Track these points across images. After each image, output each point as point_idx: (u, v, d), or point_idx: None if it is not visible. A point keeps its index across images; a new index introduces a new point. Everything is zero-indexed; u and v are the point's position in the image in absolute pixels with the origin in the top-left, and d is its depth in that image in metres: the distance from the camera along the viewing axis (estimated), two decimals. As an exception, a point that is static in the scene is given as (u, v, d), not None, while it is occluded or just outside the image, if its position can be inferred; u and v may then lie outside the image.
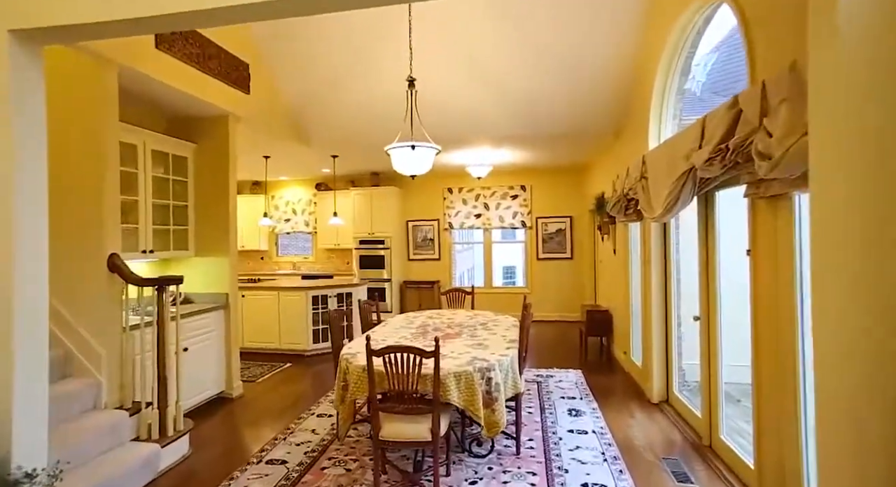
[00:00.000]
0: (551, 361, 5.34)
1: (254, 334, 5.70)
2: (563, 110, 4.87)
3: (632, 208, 4.23)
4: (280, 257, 8.89)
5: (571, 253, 7.91)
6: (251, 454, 3.08)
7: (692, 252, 3.44)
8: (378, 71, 4.47)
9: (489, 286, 8.26)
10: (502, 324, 3.80)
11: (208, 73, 3.77)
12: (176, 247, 4.00)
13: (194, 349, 3.74)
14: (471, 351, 2.93)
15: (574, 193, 7.90)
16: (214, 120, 4.17)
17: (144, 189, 3.63)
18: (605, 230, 5.83)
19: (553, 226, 7.99)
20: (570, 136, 5.49)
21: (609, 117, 4.90)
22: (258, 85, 4.45)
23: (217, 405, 3.99)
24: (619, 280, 5.25)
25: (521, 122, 5.14)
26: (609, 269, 5.89)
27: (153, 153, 3.72)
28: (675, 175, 2.75)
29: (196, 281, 4.21)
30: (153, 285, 2.96)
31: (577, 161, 7.21)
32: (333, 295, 5.82)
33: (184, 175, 4.09)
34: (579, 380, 4.60)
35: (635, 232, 4.63)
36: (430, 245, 8.40)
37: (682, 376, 3.75)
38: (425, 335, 3.40)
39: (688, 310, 3.69)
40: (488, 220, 8.17)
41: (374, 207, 7.88)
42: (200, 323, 3.82)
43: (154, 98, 3.70)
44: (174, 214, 4.01)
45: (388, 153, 3.39)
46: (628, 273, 4.83)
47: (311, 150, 5.96)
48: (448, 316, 4.24)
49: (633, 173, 3.90)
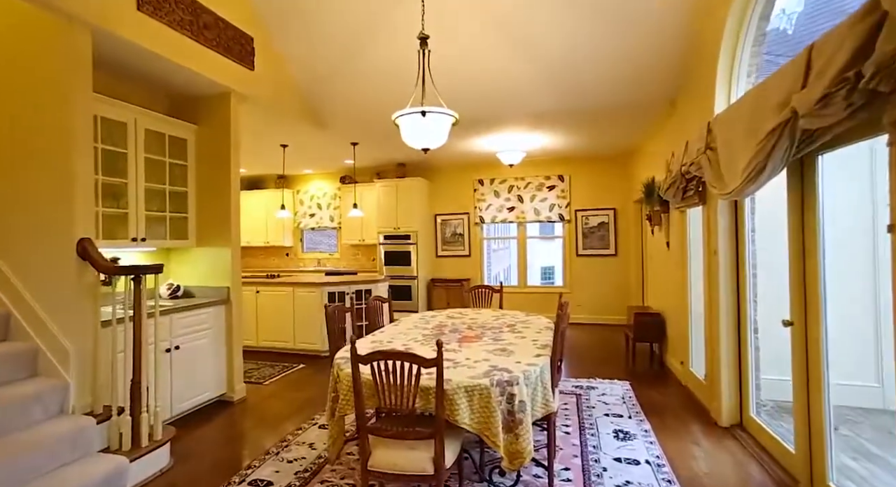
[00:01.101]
0: (593, 369, 4.66)
1: (268, 332, 5.38)
2: (610, 77, 4.19)
3: (692, 189, 3.52)
4: (305, 254, 8.64)
5: (615, 250, 7.13)
6: (236, 471, 2.65)
7: (776, 240, 2.71)
8: (396, 41, 3.99)
9: (523, 285, 7.61)
10: (533, 326, 3.21)
11: (204, 43, 3.42)
12: (173, 236, 3.68)
13: (187, 348, 3.39)
14: (491, 358, 2.36)
15: (618, 182, 7.12)
16: (216, 98, 3.84)
17: (136, 171, 3.32)
18: (656, 220, 5.07)
19: (594, 219, 7.24)
20: (618, 110, 4.78)
21: (664, 83, 4.17)
22: (265, 61, 4.09)
23: (215, 409, 3.63)
24: (673, 278, 4.50)
25: (559, 95, 4.51)
26: (661, 266, 5.12)
27: (147, 133, 3.41)
28: (762, 133, 2.07)
29: (198, 273, 3.89)
30: (127, 274, 2.60)
31: (622, 145, 6.45)
32: (352, 291, 5.40)
33: (183, 158, 3.77)
34: (627, 394, 3.91)
35: (695, 219, 3.89)
36: (459, 240, 7.86)
37: (760, 395, 3.01)
38: (441, 337, 2.87)
39: (768, 313, 2.95)
40: (522, 214, 7.53)
41: (400, 200, 7.44)
42: (194, 319, 3.47)
43: (149, 73, 3.39)
44: (171, 200, 3.69)
45: (397, 123, 2.89)
46: (686, 269, 4.08)
47: (329, 137, 5.58)
48: (471, 316, 3.69)
49: (694, 146, 3.20)
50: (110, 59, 3.11)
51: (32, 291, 2.58)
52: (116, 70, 3.31)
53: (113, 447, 2.53)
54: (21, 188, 2.60)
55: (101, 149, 3.05)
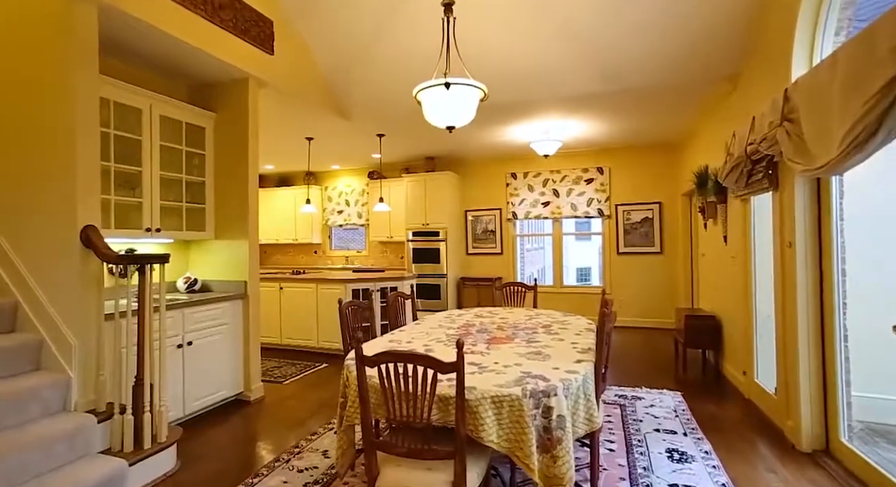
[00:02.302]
0: (639, 377, 4.20)
1: (292, 330, 5.23)
2: (657, 53, 3.74)
3: (759, 172, 3.04)
4: (333, 251, 8.53)
5: (661, 247, 6.57)
6: (242, 480, 2.43)
7: (873, 228, 2.23)
8: (420, 25, 3.71)
9: (559, 284, 7.16)
10: (572, 327, 2.83)
11: (219, 24, 3.26)
12: (190, 228, 3.55)
13: (201, 344, 3.23)
14: (524, 362, 2.02)
15: (664, 174, 6.56)
16: (234, 84, 3.68)
17: (150, 159, 3.20)
18: (711, 212, 4.54)
19: (637, 214, 6.70)
20: (666, 92, 4.31)
21: (723, 56, 3.68)
22: (285, 46, 3.91)
23: (230, 409, 3.47)
24: (732, 276, 3.98)
25: (599, 76, 4.09)
26: (716, 264, 4.59)
27: (162, 120, 3.29)
28: (871, 88, 1.64)
29: (216, 267, 3.75)
30: (131, 263, 2.44)
31: (669, 132, 5.90)
32: (377, 289, 5.17)
33: (201, 147, 3.64)
34: (679, 406, 3.45)
35: (763, 208, 3.39)
36: (490, 237, 7.50)
37: (852, 415, 2.50)
38: (466, 338, 2.55)
39: (863, 317, 2.45)
40: (558, 209, 7.09)
41: (429, 195, 7.17)
42: (208, 313, 3.30)
43: (163, 57, 3.26)
44: (189, 190, 3.56)
45: (419, 99, 2.60)
46: (749, 265, 3.57)
47: (354, 128, 5.38)
48: (501, 316, 3.35)
49: (764, 121, 2.73)
50: (123, 44, 2.99)
51: (38, 279, 2.47)
52: (131, 56, 3.20)
53: (115, 448, 2.37)
54: (27, 170, 2.50)
55: (113, 134, 2.94)
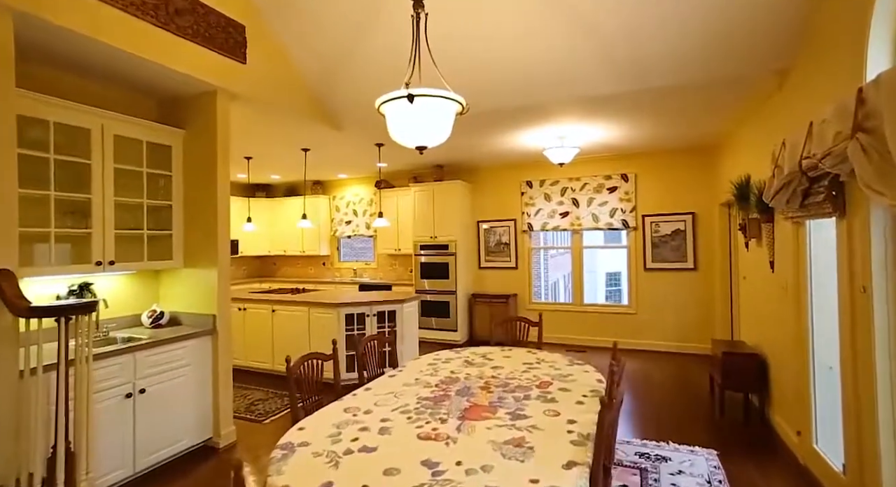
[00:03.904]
0: (666, 425, 3.59)
1: (283, 355, 4.88)
2: (689, 46, 3.13)
3: (821, 192, 2.41)
4: (342, 263, 8.20)
5: (694, 263, 5.85)
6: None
7: None
8: (400, 29, 3.24)
9: (579, 302, 6.54)
10: (576, 388, 2.30)
11: (177, 32, 2.91)
12: (154, 257, 3.22)
13: (158, 389, 2.88)
14: (495, 464, 1.52)
15: (698, 181, 5.84)
16: (202, 98, 3.34)
17: (103, 184, 2.88)
18: (754, 231, 3.87)
19: (667, 226, 6.00)
20: (698, 90, 3.67)
21: (769, 48, 3.03)
22: (261, 53, 3.54)
23: (194, 460, 3.11)
24: (782, 310, 3.32)
25: (620, 75, 3.51)
26: (761, 291, 3.91)
27: (117, 140, 2.97)
28: None
29: (187, 298, 3.42)
30: (48, 316, 2.10)
31: (703, 134, 5.20)
32: (373, 313, 4.75)
33: (166, 168, 3.31)
34: (714, 473, 2.84)
35: (822, 234, 2.74)
36: (504, 250, 6.96)
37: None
38: (439, 405, 2.08)
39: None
40: (578, 220, 6.47)
41: (437, 206, 6.71)
42: (169, 355, 2.96)
43: (119, 73, 2.94)
44: (152, 216, 3.25)
45: (382, 113, 2.15)
46: (804, 303, 2.93)
47: (349, 139, 4.98)
48: (497, 362, 2.85)
49: (828, 129, 2.11)
50: (69, 58, 2.68)
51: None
52: (84, 72, 2.90)
53: (26, 531, 2.03)
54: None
55: (53, 159, 2.63)
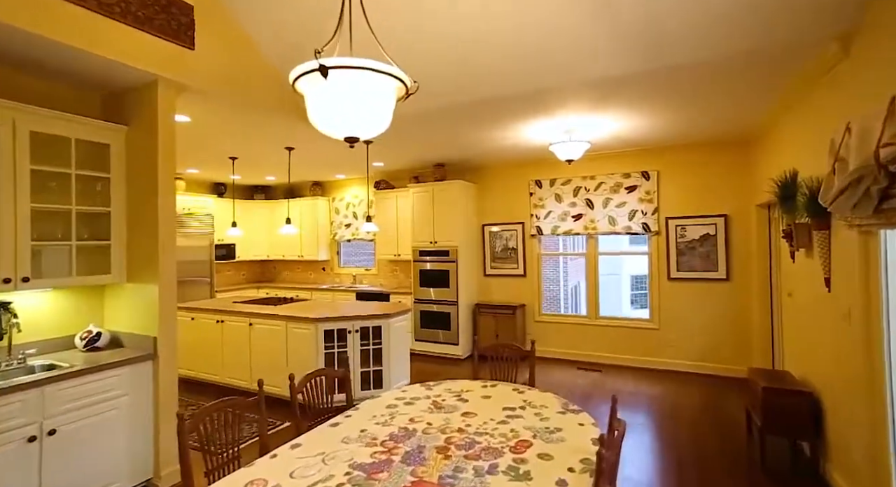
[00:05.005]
0: (689, 472, 2.95)
1: (261, 372, 4.46)
2: (719, 14, 2.50)
3: (904, 195, 1.76)
4: (342, 268, 7.78)
5: (727, 273, 5.12)
6: None
7: None
8: None
9: (594, 316, 5.89)
10: (561, 454, 1.73)
11: (99, 10, 2.49)
12: (86, 271, 2.83)
13: (76, 428, 2.46)
14: None
15: (731, 179, 5.11)
16: (145, 90, 2.93)
17: (15, 188, 2.49)
18: (802, 239, 3.17)
19: (695, 229, 5.29)
20: (732, 68, 3.01)
21: (823, 10, 2.37)
22: (216, 37, 3.10)
23: (125, 507, 2.70)
24: (844, 339, 2.64)
25: (636, 48, 2.90)
26: (812, 313, 3.21)
27: (34, 137, 2.57)
28: None
29: (130, 317, 3.02)
30: None
31: (737, 124, 4.48)
32: (355, 329, 4.27)
33: (104, 169, 2.91)
34: (750, 554, 2.22)
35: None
36: (512, 256, 6.37)
37: None
38: (372, 480, 1.56)
39: None
40: (592, 223, 5.82)
41: (437, 208, 6.18)
42: (93, 386, 2.54)
43: (37, 61, 2.55)
44: (85, 224, 2.85)
45: (301, 91, 1.64)
46: (879, 332, 2.26)
47: (333, 135, 4.52)
48: (470, 406, 2.30)
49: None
50: None
51: None
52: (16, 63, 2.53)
53: None
54: None
55: (-54, 161, 2.25)
